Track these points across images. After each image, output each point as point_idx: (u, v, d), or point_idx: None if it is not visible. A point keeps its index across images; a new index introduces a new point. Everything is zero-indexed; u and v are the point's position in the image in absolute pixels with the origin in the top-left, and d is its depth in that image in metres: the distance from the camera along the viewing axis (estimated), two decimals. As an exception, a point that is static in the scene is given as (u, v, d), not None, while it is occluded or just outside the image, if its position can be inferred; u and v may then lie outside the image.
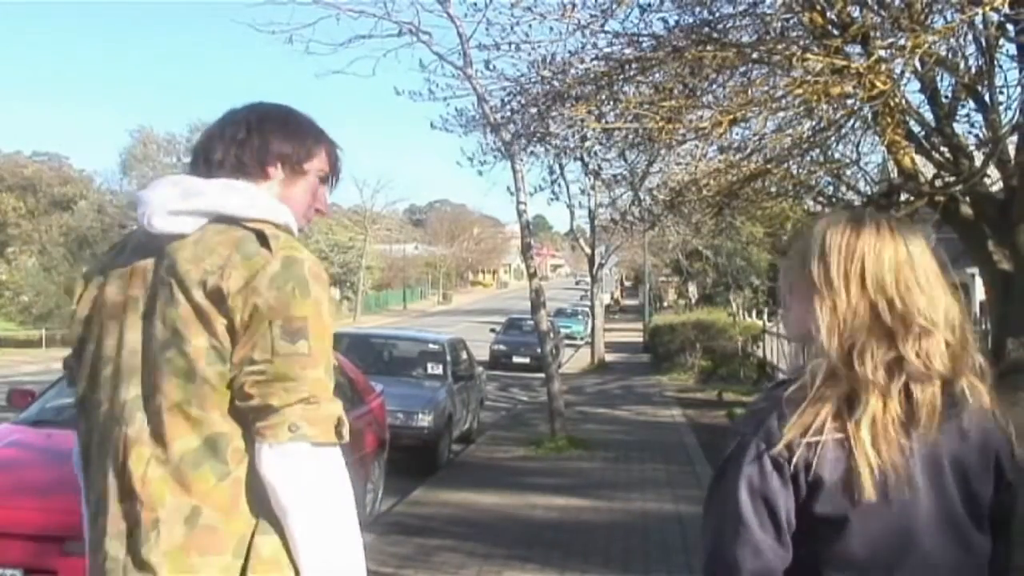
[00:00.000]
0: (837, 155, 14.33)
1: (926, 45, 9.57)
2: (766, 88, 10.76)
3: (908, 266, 1.61)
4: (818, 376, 1.57)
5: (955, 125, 13.05)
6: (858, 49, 11.06)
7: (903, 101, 12.10)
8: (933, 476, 1.59)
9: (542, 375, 15.16)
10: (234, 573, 1.72)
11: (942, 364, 1.58)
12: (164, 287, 1.77)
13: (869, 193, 15.32)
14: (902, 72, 10.87)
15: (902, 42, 9.69)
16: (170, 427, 1.74)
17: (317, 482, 1.73)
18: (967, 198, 13.43)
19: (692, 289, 48.94)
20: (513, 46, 11.92)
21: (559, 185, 19.43)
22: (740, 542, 1.55)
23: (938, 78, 12.46)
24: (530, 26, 11.68)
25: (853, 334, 1.58)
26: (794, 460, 1.53)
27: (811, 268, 1.64)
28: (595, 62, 11.77)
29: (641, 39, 11.52)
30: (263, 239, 1.76)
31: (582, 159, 14.33)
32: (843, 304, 1.59)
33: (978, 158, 13.14)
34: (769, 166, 12.84)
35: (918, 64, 10.76)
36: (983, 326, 17.43)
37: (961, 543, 1.61)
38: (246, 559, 1.73)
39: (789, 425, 1.53)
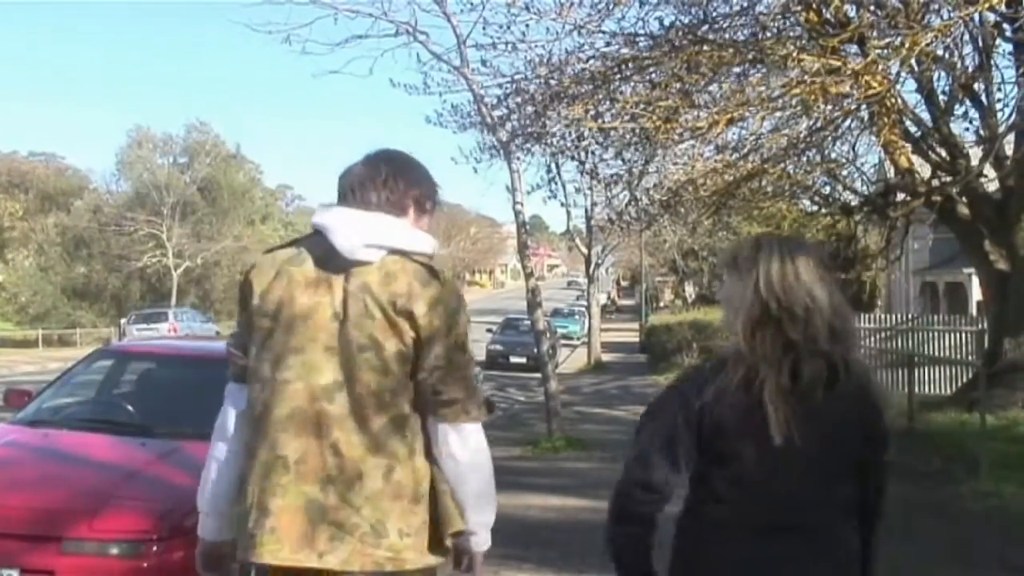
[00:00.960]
0: (834, 155, 14.37)
1: (923, 44, 9.59)
2: (762, 88, 10.78)
3: (791, 273, 2.19)
4: (730, 355, 2.21)
5: (952, 124, 13.07)
6: (854, 49, 11.08)
7: (900, 101, 12.12)
8: (809, 431, 2.14)
9: (539, 375, 15.14)
10: (409, 512, 2.37)
11: (825, 343, 2.16)
12: (357, 302, 2.37)
13: (866, 193, 15.36)
14: (898, 72, 10.89)
15: (898, 41, 9.71)
16: (368, 407, 2.36)
17: (478, 447, 2.45)
18: (964, 198, 13.46)
19: (689, 289, 49.00)
20: (510, 45, 11.93)
21: (556, 184, 19.49)
22: (637, 459, 2.25)
23: (935, 77, 12.48)
24: (527, 25, 11.70)
25: (754, 325, 2.18)
26: (704, 412, 2.17)
27: (727, 280, 2.31)
28: (592, 61, 11.78)
29: (638, 38, 11.54)
30: (432, 272, 2.41)
31: (579, 159, 14.34)
32: (747, 304, 2.20)
33: (975, 157, 13.18)
34: (766, 166, 12.85)
35: (915, 63, 10.78)
36: (979, 325, 17.46)
37: (823, 483, 2.20)
38: (417, 502, 2.38)
39: (709, 388, 2.17)
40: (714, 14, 11.27)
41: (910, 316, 22.47)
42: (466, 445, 2.41)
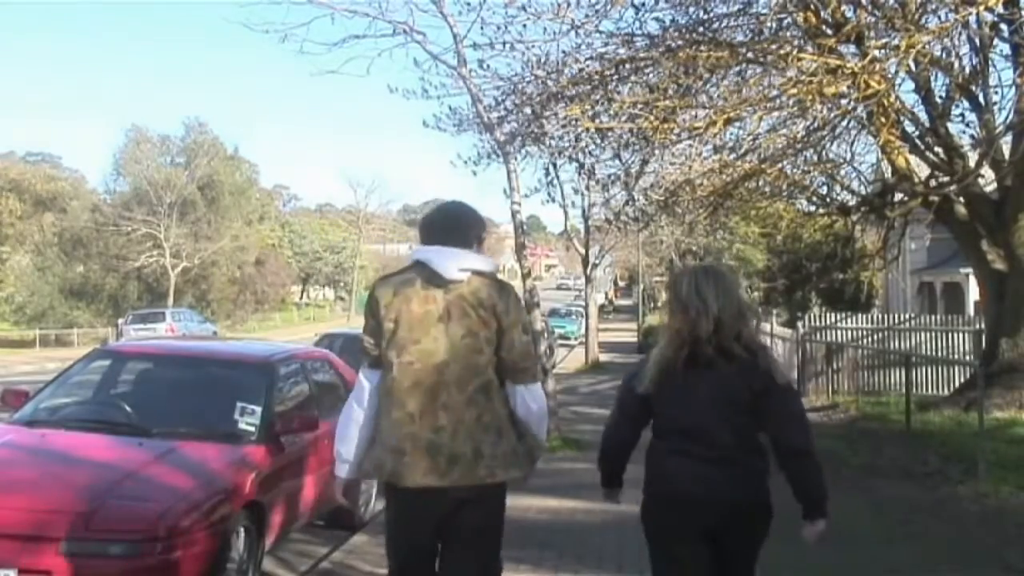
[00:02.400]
0: (831, 155, 14.36)
1: (920, 45, 9.59)
2: (760, 88, 10.76)
3: (695, 290, 3.41)
4: (655, 351, 3.55)
5: (949, 125, 13.06)
6: (852, 49, 11.07)
7: (897, 101, 12.12)
8: (712, 388, 3.36)
9: (536, 375, 15.07)
10: (495, 442, 3.58)
11: (704, 332, 3.35)
12: (456, 308, 3.59)
13: (863, 193, 15.36)
14: (896, 72, 10.88)
15: (896, 42, 9.70)
16: (467, 376, 3.57)
17: (541, 398, 3.78)
18: (961, 198, 13.46)
19: (686, 289, 48.82)
20: (507, 46, 11.89)
21: (553, 185, 19.44)
22: (612, 423, 3.71)
23: (932, 78, 12.48)
24: (524, 26, 11.66)
25: (676, 329, 3.43)
26: (644, 390, 3.49)
27: (667, 300, 3.60)
28: (589, 62, 11.75)
29: (635, 39, 11.52)
30: (502, 284, 3.69)
31: (576, 159, 14.32)
32: (673, 315, 3.47)
33: (972, 158, 13.18)
34: (763, 166, 12.83)
35: (912, 64, 10.77)
36: (977, 325, 17.45)
37: (719, 421, 3.37)
38: (500, 436, 3.60)
39: (646, 376, 3.47)
40: (711, 14, 11.25)
41: (907, 316, 22.46)
42: (535, 399, 3.72)
